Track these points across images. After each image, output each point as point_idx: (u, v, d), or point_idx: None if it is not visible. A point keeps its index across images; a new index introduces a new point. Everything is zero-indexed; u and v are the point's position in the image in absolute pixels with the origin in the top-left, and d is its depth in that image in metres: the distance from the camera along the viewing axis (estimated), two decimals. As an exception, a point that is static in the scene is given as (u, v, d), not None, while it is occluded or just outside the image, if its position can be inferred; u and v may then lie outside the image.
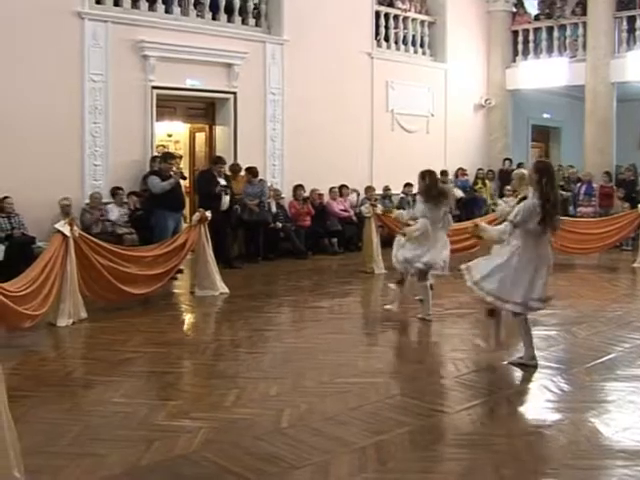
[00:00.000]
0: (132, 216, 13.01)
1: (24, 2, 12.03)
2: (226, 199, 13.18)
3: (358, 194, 16.54)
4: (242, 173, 14.59)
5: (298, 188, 15.36)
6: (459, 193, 17.30)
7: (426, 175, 9.13)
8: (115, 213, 12.81)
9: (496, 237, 7.15)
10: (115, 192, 12.97)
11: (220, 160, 13.72)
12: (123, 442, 5.09)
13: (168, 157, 12.59)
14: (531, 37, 20.00)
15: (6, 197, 11.63)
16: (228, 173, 14.15)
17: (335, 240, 15.79)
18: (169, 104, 14.65)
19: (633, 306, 10.30)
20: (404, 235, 9.20)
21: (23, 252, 11.05)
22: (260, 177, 14.67)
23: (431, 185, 9.11)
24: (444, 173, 18.41)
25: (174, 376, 6.90)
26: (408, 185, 17.31)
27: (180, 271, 11.75)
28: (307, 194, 15.57)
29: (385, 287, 12.16)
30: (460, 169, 19.03)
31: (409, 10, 18.83)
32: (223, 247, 12.81)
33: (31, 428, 5.29)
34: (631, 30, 18.34)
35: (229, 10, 15.13)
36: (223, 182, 13.19)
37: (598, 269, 14.22)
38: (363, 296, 11.68)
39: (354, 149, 16.76)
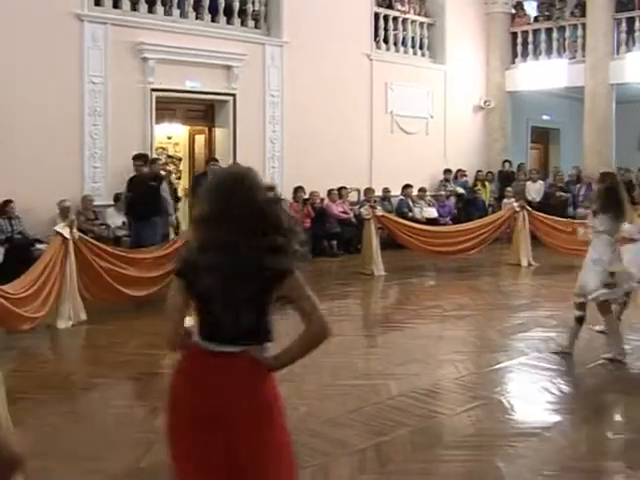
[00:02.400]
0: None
1: (23, 4, 12.02)
2: None
3: (359, 192, 16.54)
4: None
5: (298, 190, 15.34)
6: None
7: (607, 177, 7.82)
8: (115, 219, 12.78)
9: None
10: (118, 197, 12.93)
11: (213, 160, 13.74)
12: (123, 444, 5.09)
13: (133, 158, 12.26)
14: (530, 39, 19.98)
15: (9, 201, 11.63)
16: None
17: (335, 242, 15.76)
18: (168, 106, 14.64)
19: (632, 308, 10.29)
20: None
21: (23, 254, 11.05)
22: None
23: (612, 190, 7.46)
24: (448, 171, 18.51)
25: (174, 378, 6.89)
26: (407, 187, 17.32)
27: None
28: (306, 196, 15.56)
29: (385, 288, 12.18)
30: (459, 170, 19.03)
31: (408, 12, 18.82)
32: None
33: (30, 430, 5.28)
34: (630, 31, 18.32)
35: (228, 12, 15.12)
36: None
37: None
38: (363, 298, 11.66)
39: (353, 151, 16.75)
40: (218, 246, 2.95)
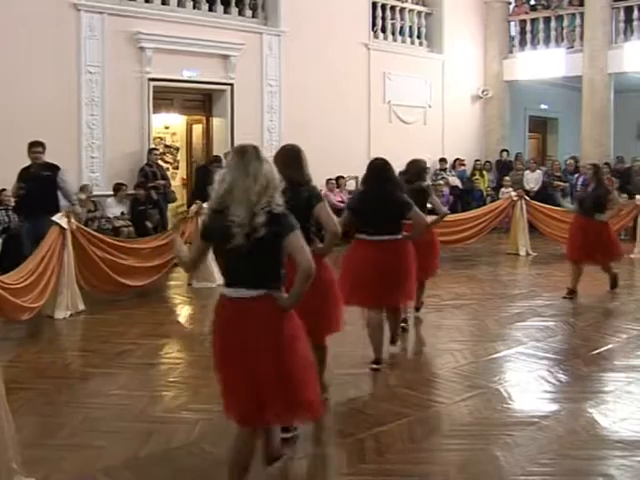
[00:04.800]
0: (134, 209, 12.96)
1: (20, -6, 12.00)
2: None
3: (357, 181, 16.51)
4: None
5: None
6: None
7: None
8: (114, 209, 12.77)
9: None
10: (119, 187, 12.89)
11: (217, 159, 13.87)
12: (121, 434, 5.10)
13: (29, 145, 10.54)
14: (528, 28, 19.96)
15: (3, 189, 11.57)
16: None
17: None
18: (166, 96, 14.62)
19: (631, 297, 10.31)
20: None
21: (20, 244, 11.00)
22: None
23: None
24: (442, 160, 18.48)
25: (172, 368, 6.91)
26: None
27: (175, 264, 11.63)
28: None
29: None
30: (458, 159, 19.02)
31: (406, 1, 18.78)
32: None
33: (29, 420, 5.30)
34: (628, 20, 18.29)
35: (226, 1, 15.09)
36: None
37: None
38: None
39: (351, 140, 16.72)
40: None
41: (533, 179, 18.18)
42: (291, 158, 4.96)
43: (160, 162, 14.53)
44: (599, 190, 9.88)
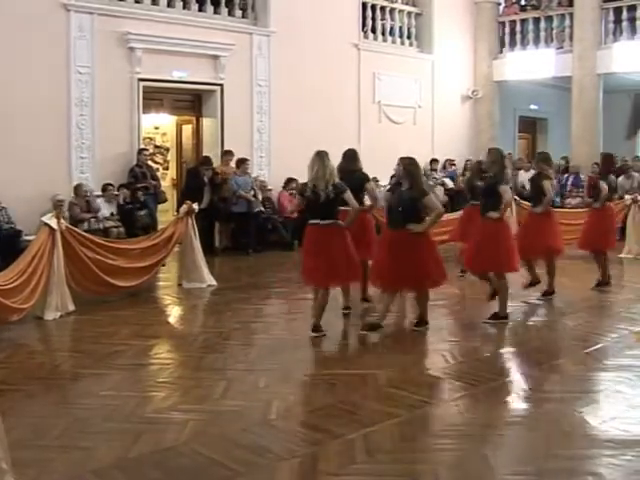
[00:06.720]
0: (121, 209, 12.94)
1: (9, -6, 11.96)
2: (206, 197, 13.49)
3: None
4: (232, 164, 14.60)
5: (291, 182, 15.20)
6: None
7: None
8: (103, 209, 12.74)
9: None
10: (105, 188, 12.89)
11: (207, 162, 13.88)
12: (111, 435, 5.09)
13: None
14: (518, 28, 20.00)
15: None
16: (217, 171, 14.21)
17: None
18: (156, 96, 14.61)
19: (620, 296, 10.35)
20: None
21: (10, 245, 10.99)
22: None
23: None
24: (434, 161, 18.48)
25: (162, 369, 6.89)
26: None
27: (162, 264, 11.55)
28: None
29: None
30: (448, 160, 19.05)
31: (396, 1, 18.80)
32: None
33: (19, 421, 5.28)
34: (617, 21, 18.35)
35: (215, 1, 15.08)
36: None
37: (585, 259, 14.24)
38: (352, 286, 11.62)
39: (341, 141, 16.52)
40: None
41: (527, 179, 18.18)
42: (351, 156, 8.91)
43: (150, 162, 14.52)
44: (414, 192, 7.77)
